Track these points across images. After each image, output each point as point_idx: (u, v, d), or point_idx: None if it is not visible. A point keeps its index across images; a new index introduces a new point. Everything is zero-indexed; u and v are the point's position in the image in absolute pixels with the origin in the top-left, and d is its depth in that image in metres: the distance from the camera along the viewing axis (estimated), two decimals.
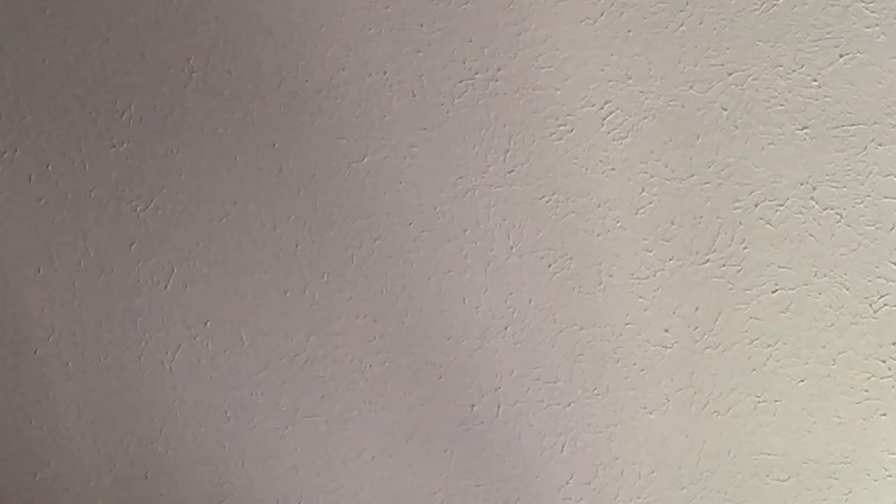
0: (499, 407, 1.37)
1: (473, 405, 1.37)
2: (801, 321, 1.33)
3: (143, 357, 1.35)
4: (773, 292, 1.33)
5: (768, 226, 1.32)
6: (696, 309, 1.34)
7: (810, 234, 1.32)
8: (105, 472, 1.37)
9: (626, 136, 1.31)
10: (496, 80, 1.31)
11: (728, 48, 1.29)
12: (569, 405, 1.37)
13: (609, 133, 1.31)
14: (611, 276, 1.34)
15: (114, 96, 1.30)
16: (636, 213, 1.33)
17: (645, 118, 1.31)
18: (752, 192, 1.31)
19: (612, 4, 1.29)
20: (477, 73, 1.31)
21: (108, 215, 1.32)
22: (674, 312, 1.34)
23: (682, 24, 1.29)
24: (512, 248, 1.34)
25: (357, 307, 1.35)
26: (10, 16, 1.29)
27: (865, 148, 1.29)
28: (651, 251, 1.33)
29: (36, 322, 1.34)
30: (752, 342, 1.34)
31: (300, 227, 1.33)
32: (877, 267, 1.31)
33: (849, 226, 1.31)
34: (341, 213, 1.33)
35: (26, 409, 1.36)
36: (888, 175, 1.29)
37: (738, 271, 1.33)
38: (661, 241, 1.33)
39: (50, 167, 1.31)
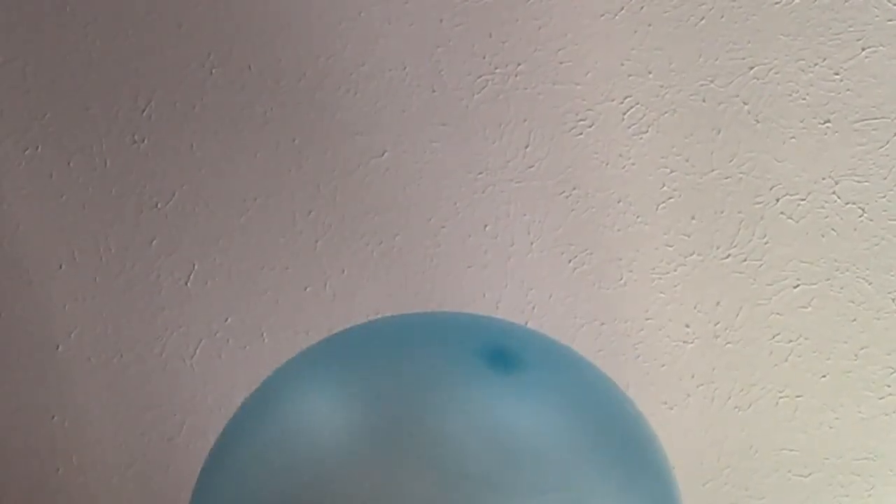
0: None
1: None
2: (822, 316, 1.33)
3: (164, 353, 1.35)
4: (795, 287, 1.33)
5: (790, 220, 1.31)
6: (717, 304, 1.34)
7: (832, 229, 1.31)
8: (127, 467, 1.37)
9: (647, 131, 1.31)
10: (516, 76, 1.31)
11: (749, 42, 1.28)
12: None
13: (629, 128, 1.31)
14: (631, 271, 1.34)
15: (134, 92, 1.30)
16: (657, 208, 1.32)
17: (665, 113, 1.31)
18: (773, 186, 1.31)
19: None
20: (496, 69, 1.31)
21: (129, 211, 1.33)
22: (695, 307, 1.34)
23: (702, 18, 1.29)
24: (532, 243, 1.34)
25: (377, 302, 1.35)
26: (32, 12, 1.29)
27: (888, 142, 1.29)
28: (672, 246, 1.33)
29: (58, 318, 1.34)
30: (774, 337, 1.34)
31: (320, 222, 1.33)
32: None
33: (871, 220, 1.30)
34: (361, 209, 1.33)
35: (48, 404, 1.36)
36: None
37: (760, 266, 1.32)
38: (681, 236, 1.33)
39: (71, 164, 1.32)
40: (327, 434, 0.78)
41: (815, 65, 1.28)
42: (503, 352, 0.80)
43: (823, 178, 1.30)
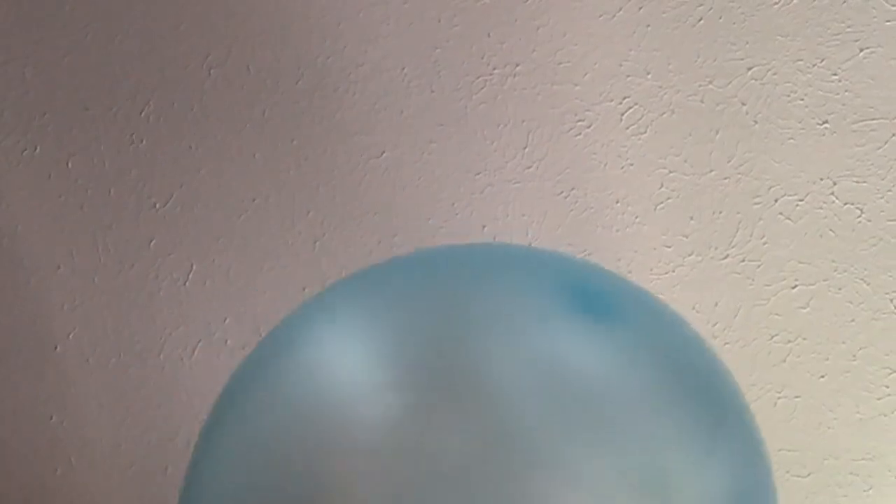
0: None
1: None
2: (821, 317, 1.33)
3: (162, 353, 1.35)
4: (793, 288, 1.33)
5: (788, 221, 1.31)
6: (716, 304, 1.34)
7: (830, 230, 1.31)
8: (125, 468, 1.37)
9: (645, 132, 1.31)
10: (514, 76, 1.31)
11: (747, 43, 1.28)
12: None
13: (628, 128, 1.31)
14: (629, 271, 1.34)
15: (133, 93, 1.30)
16: (655, 209, 1.32)
17: (664, 113, 1.31)
18: (771, 187, 1.31)
19: None
20: (495, 69, 1.31)
21: (128, 212, 1.33)
22: (693, 308, 1.34)
23: (700, 19, 1.29)
24: (530, 243, 1.34)
25: None
26: (30, 12, 1.30)
27: (886, 142, 1.29)
28: (670, 247, 1.33)
29: (56, 318, 1.34)
30: (772, 338, 1.34)
31: (318, 222, 1.33)
32: None
33: (869, 221, 1.30)
34: (360, 209, 1.33)
35: (47, 405, 1.36)
36: None
37: (758, 267, 1.33)
38: (679, 236, 1.33)
39: (69, 164, 1.32)
40: (354, 372, 0.63)
41: (814, 65, 1.28)
42: (590, 293, 0.65)
43: (822, 179, 1.30)
